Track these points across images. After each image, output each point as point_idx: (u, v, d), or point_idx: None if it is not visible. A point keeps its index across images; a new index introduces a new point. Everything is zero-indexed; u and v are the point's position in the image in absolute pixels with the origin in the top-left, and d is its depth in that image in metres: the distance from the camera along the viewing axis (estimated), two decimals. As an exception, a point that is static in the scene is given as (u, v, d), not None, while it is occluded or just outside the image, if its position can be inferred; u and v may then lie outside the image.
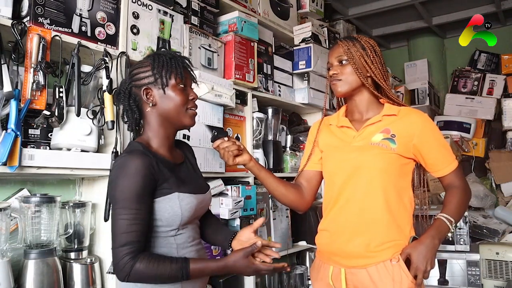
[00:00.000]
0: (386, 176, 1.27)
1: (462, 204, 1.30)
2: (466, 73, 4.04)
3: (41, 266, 1.37)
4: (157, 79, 1.16)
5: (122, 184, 1.06)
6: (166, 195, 1.12)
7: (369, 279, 1.24)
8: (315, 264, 1.41)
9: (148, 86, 1.17)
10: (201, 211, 1.26)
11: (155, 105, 1.18)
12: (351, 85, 1.32)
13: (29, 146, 1.44)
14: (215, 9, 2.22)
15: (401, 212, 1.28)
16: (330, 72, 1.35)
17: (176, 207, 1.12)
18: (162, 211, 1.12)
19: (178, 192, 1.14)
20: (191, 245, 1.19)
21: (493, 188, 3.55)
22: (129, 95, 1.20)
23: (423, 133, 1.29)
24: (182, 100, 1.18)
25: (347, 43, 1.33)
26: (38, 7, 1.42)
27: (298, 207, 1.46)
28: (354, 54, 1.31)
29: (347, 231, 1.29)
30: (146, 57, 1.24)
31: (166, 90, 1.17)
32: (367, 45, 1.34)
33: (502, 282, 2.65)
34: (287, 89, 2.67)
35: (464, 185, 1.33)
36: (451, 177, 1.32)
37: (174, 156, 1.24)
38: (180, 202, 1.13)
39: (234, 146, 1.33)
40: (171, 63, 1.18)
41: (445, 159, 1.32)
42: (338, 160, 1.35)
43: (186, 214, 1.15)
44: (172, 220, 1.13)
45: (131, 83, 1.20)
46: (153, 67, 1.17)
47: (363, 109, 1.37)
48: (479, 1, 3.77)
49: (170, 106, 1.18)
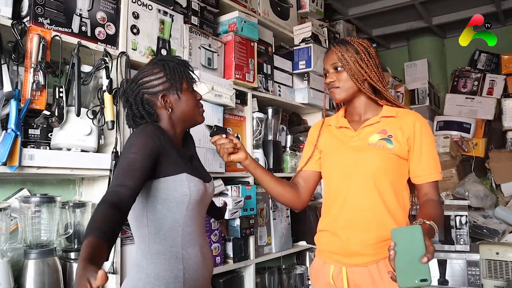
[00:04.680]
0: (382, 176, 1.27)
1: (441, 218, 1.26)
2: (466, 73, 4.04)
3: (41, 266, 1.37)
4: (172, 85, 1.22)
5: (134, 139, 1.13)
6: (175, 174, 1.16)
7: (370, 277, 1.25)
8: (315, 264, 1.41)
9: (164, 93, 1.22)
10: (207, 200, 1.29)
11: (172, 109, 1.24)
12: (348, 91, 1.33)
13: (29, 146, 1.44)
14: (215, 9, 2.22)
15: (398, 211, 1.29)
16: (327, 80, 1.36)
17: (185, 187, 1.16)
18: (172, 190, 1.15)
19: (187, 174, 1.18)
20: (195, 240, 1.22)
21: (493, 188, 3.55)
22: (141, 102, 1.22)
23: (417, 135, 1.29)
24: (195, 102, 1.28)
25: (340, 49, 1.32)
26: (38, 7, 1.42)
27: (294, 206, 1.47)
28: (348, 60, 1.30)
29: (347, 230, 1.29)
30: (151, 64, 1.27)
31: (180, 94, 1.24)
32: (360, 48, 1.32)
33: (502, 282, 2.65)
34: (287, 89, 2.67)
35: (440, 200, 1.31)
36: (430, 188, 1.30)
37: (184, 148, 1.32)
38: (188, 183, 1.17)
39: (230, 144, 1.34)
40: (179, 68, 1.24)
41: (430, 167, 1.30)
42: (335, 160, 1.36)
43: (194, 196, 1.18)
44: (181, 200, 1.16)
45: (141, 90, 1.22)
46: (166, 73, 1.22)
47: (361, 111, 1.38)
48: (479, 1, 3.77)
49: (186, 109, 1.25)
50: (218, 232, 2.01)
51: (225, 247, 2.11)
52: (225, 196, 2.11)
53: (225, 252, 2.11)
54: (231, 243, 2.10)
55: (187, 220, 1.19)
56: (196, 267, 1.19)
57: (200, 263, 1.21)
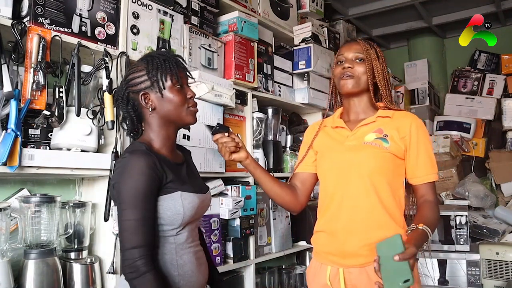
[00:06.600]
0: (379, 174, 1.28)
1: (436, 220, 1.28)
2: (466, 73, 4.04)
3: (41, 266, 1.37)
4: (154, 82, 1.15)
5: (128, 184, 1.05)
6: (169, 193, 1.11)
7: (367, 277, 1.25)
8: (312, 265, 1.41)
9: (145, 91, 1.16)
10: (202, 211, 1.25)
11: (154, 109, 1.17)
12: (360, 85, 1.34)
13: (29, 146, 1.44)
14: (215, 9, 2.22)
15: (396, 210, 1.29)
16: (346, 64, 1.34)
17: (178, 206, 1.12)
18: (165, 210, 1.11)
19: (181, 191, 1.13)
20: (189, 246, 1.18)
21: (493, 188, 3.55)
22: (127, 100, 1.18)
23: (413, 136, 1.30)
24: (181, 100, 1.18)
25: (365, 45, 1.36)
26: (38, 7, 1.42)
27: (292, 208, 1.46)
28: (371, 57, 1.35)
29: (344, 231, 1.29)
30: (139, 60, 1.22)
31: (164, 92, 1.16)
32: (381, 54, 1.39)
33: (502, 282, 2.65)
34: (287, 89, 2.67)
35: (437, 201, 1.32)
36: (426, 188, 1.30)
37: (174, 156, 1.24)
38: (183, 201, 1.12)
39: (232, 143, 1.34)
40: (165, 64, 1.16)
41: (426, 168, 1.30)
42: (331, 159, 1.36)
43: (188, 213, 1.14)
44: (174, 219, 1.13)
45: (127, 88, 1.17)
46: (148, 70, 1.15)
47: (359, 111, 1.39)
48: (479, 1, 3.77)
49: (170, 108, 1.17)
50: (218, 232, 2.01)
51: (225, 247, 2.11)
52: (225, 196, 2.12)
53: (225, 252, 2.11)
54: (231, 243, 2.10)
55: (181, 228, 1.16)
56: (191, 273, 1.17)
57: (194, 269, 1.18)
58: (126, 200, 1.05)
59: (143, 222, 1.04)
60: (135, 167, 1.06)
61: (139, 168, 1.06)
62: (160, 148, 1.19)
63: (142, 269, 1.01)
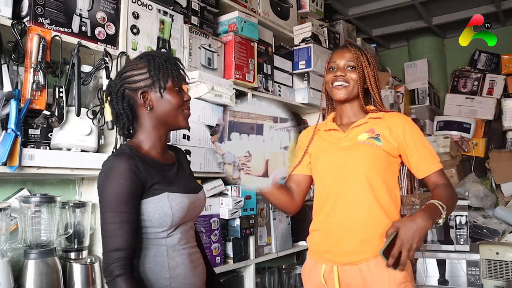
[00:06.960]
0: (374, 172, 1.30)
1: (451, 198, 1.28)
2: (466, 73, 4.04)
3: (41, 266, 1.37)
4: (155, 82, 1.14)
5: (108, 188, 1.05)
6: (155, 196, 1.10)
7: (360, 276, 1.26)
8: (307, 265, 1.42)
9: (145, 90, 1.15)
10: (194, 212, 1.23)
11: (152, 108, 1.16)
12: (352, 92, 1.38)
13: (29, 146, 1.44)
14: (215, 9, 2.22)
15: (391, 207, 1.31)
16: (338, 72, 1.38)
17: (166, 207, 1.10)
18: (152, 212, 1.10)
19: (168, 192, 1.12)
20: (183, 248, 1.17)
21: (493, 188, 3.56)
22: (122, 97, 1.16)
23: (406, 134, 1.33)
24: (178, 102, 1.18)
25: (356, 52, 1.39)
26: (38, 7, 1.42)
27: (288, 209, 1.48)
28: (362, 64, 1.38)
29: (339, 228, 1.30)
30: (138, 59, 1.20)
31: (163, 93, 1.15)
32: (371, 60, 1.42)
33: (502, 282, 2.65)
34: (287, 89, 2.67)
35: (450, 184, 1.34)
36: (435, 176, 1.33)
37: (165, 157, 1.22)
38: (170, 202, 1.11)
39: None
40: (166, 65, 1.16)
41: (427, 160, 1.33)
42: (326, 160, 1.38)
43: (178, 214, 1.13)
44: (163, 221, 1.11)
45: (123, 85, 1.15)
46: (150, 69, 1.15)
47: (351, 115, 1.43)
48: (479, 1, 3.77)
49: (167, 109, 1.16)
50: (218, 232, 2.01)
51: (225, 247, 2.11)
52: (225, 196, 2.12)
53: (225, 252, 2.11)
54: (231, 243, 2.10)
55: (172, 230, 1.14)
56: (184, 275, 1.15)
57: (188, 271, 1.16)
58: (107, 203, 1.05)
59: (122, 225, 1.03)
60: (117, 171, 1.06)
61: (121, 172, 1.06)
62: (149, 149, 1.18)
63: (115, 272, 1.01)
